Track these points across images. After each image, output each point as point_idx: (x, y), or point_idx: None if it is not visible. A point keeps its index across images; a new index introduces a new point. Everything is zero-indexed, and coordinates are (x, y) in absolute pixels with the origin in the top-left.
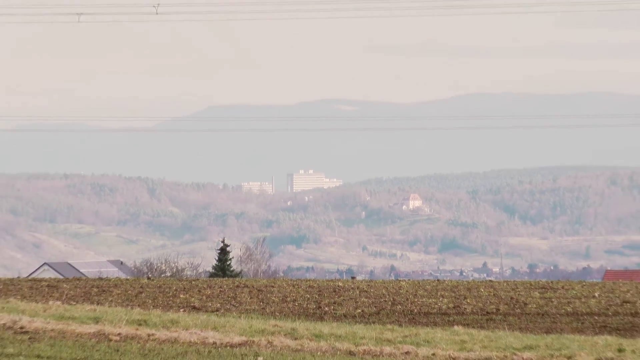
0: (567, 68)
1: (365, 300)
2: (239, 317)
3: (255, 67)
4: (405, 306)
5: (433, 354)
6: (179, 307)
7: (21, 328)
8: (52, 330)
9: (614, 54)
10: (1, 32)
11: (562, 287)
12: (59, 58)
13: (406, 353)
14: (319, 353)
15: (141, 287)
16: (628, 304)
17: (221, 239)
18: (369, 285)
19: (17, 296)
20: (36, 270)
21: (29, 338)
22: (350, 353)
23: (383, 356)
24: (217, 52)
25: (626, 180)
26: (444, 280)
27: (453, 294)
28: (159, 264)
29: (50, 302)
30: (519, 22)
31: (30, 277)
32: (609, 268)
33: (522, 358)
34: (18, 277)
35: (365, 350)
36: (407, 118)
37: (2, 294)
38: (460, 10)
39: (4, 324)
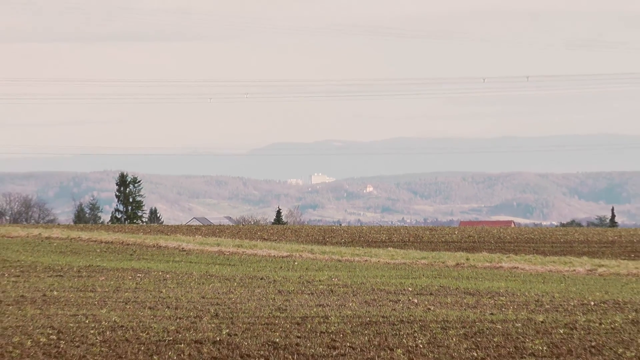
0: None
1: (346, 235)
2: (286, 243)
3: None
4: (366, 238)
5: (378, 260)
6: (258, 238)
7: (182, 249)
8: (197, 249)
9: None
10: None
11: (440, 229)
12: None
13: (365, 260)
14: (324, 260)
15: (239, 229)
16: (470, 237)
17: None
18: (348, 228)
19: (181, 233)
20: (189, 221)
21: (186, 253)
22: (338, 260)
23: (354, 262)
24: None
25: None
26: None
27: (387, 232)
28: (248, 218)
29: (197, 236)
30: None
31: (185, 225)
32: (464, 220)
33: (419, 263)
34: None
35: (346, 258)
36: None
37: (169, 231)
38: None
39: (173, 246)
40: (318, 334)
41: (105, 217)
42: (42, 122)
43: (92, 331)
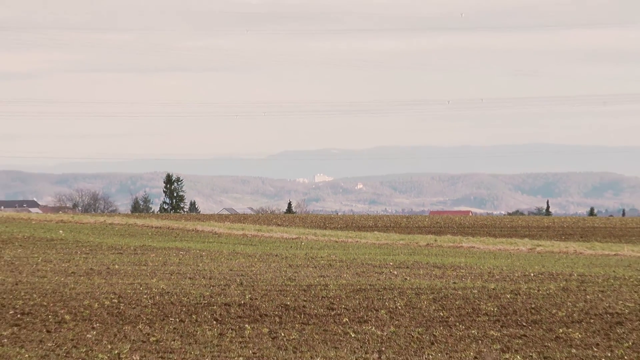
0: None
1: (341, 222)
2: (295, 228)
3: None
4: (357, 224)
5: (366, 241)
6: (274, 224)
7: (214, 232)
8: (226, 233)
9: None
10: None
11: (414, 217)
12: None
13: (356, 241)
14: (325, 241)
15: (259, 217)
16: (437, 223)
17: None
18: (343, 216)
19: (213, 220)
20: (220, 211)
21: (217, 236)
22: (335, 241)
23: (347, 243)
24: None
25: None
26: (373, 214)
27: (373, 220)
28: (265, 209)
29: (226, 223)
30: None
31: (217, 214)
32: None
33: (398, 243)
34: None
35: (342, 240)
36: None
37: (205, 219)
38: None
39: (207, 230)
40: (320, 298)
41: (155, 208)
42: (108, 134)
43: (144, 296)
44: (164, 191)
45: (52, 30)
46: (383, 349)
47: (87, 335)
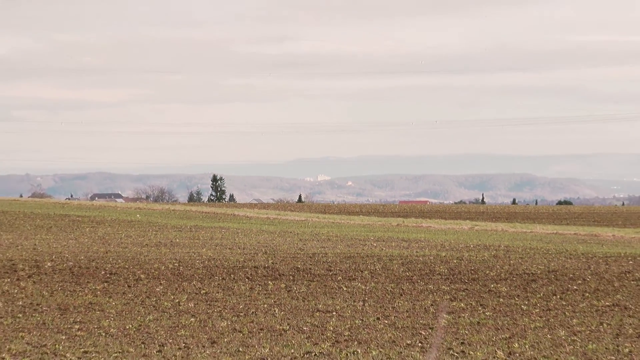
0: None
1: (337, 209)
2: (303, 213)
3: None
4: (348, 210)
5: (355, 223)
6: (288, 210)
7: (246, 216)
8: (254, 216)
9: None
10: None
11: (389, 206)
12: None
13: (347, 222)
14: (325, 222)
15: (278, 205)
16: (404, 210)
17: (299, 193)
18: (338, 205)
19: (246, 208)
20: (250, 201)
21: (248, 218)
22: (332, 222)
23: (341, 224)
24: None
25: None
26: (359, 204)
27: (360, 208)
28: (283, 200)
29: (254, 209)
30: None
31: (248, 203)
32: (401, 200)
33: (377, 224)
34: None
35: (337, 221)
36: None
37: (239, 207)
38: None
39: (242, 215)
40: (321, 263)
41: (204, 199)
42: (171, 146)
43: (197, 261)
44: (210, 187)
45: (130, 72)
46: (366, 298)
47: (156, 289)
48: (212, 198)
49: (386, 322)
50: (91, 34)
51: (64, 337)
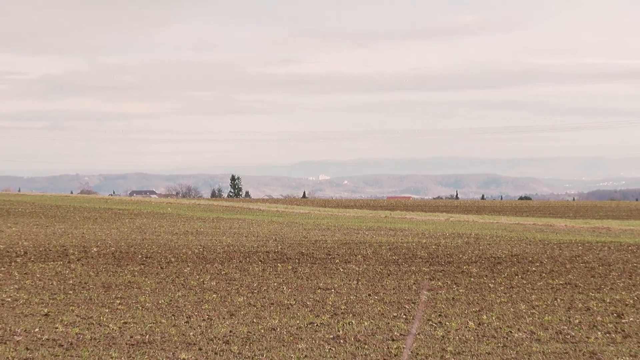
0: None
1: (334, 203)
2: (307, 206)
3: None
4: (344, 204)
5: (349, 215)
6: (294, 204)
7: (259, 209)
8: (266, 209)
9: None
10: None
11: (379, 201)
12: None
13: (343, 215)
14: (325, 214)
15: (285, 200)
16: (391, 204)
17: (303, 190)
18: (336, 200)
19: (259, 202)
20: (263, 197)
21: (261, 211)
22: (331, 215)
23: (338, 215)
24: None
25: None
26: (353, 199)
27: (354, 202)
28: (290, 196)
29: (266, 204)
30: None
31: (261, 198)
32: (389, 196)
33: (368, 216)
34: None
35: (335, 214)
36: None
37: (254, 202)
38: None
39: (255, 208)
40: (323, 248)
41: (225, 195)
42: (197, 151)
43: (218, 247)
44: (230, 185)
45: (163, 89)
46: (359, 278)
47: (184, 270)
48: (231, 194)
49: (376, 297)
50: (130, 57)
51: (107, 310)
